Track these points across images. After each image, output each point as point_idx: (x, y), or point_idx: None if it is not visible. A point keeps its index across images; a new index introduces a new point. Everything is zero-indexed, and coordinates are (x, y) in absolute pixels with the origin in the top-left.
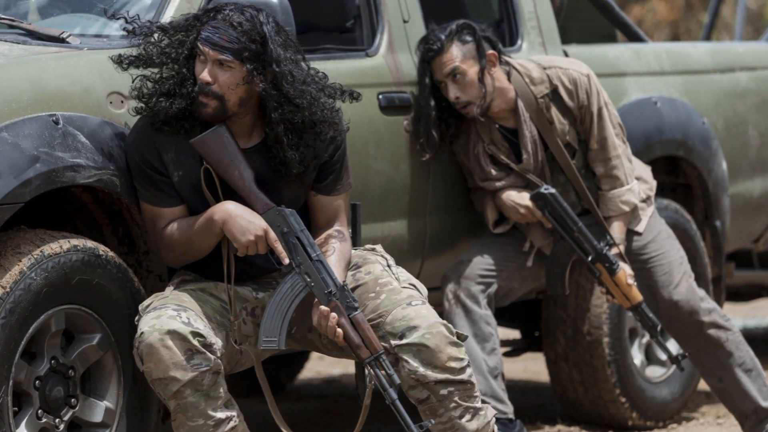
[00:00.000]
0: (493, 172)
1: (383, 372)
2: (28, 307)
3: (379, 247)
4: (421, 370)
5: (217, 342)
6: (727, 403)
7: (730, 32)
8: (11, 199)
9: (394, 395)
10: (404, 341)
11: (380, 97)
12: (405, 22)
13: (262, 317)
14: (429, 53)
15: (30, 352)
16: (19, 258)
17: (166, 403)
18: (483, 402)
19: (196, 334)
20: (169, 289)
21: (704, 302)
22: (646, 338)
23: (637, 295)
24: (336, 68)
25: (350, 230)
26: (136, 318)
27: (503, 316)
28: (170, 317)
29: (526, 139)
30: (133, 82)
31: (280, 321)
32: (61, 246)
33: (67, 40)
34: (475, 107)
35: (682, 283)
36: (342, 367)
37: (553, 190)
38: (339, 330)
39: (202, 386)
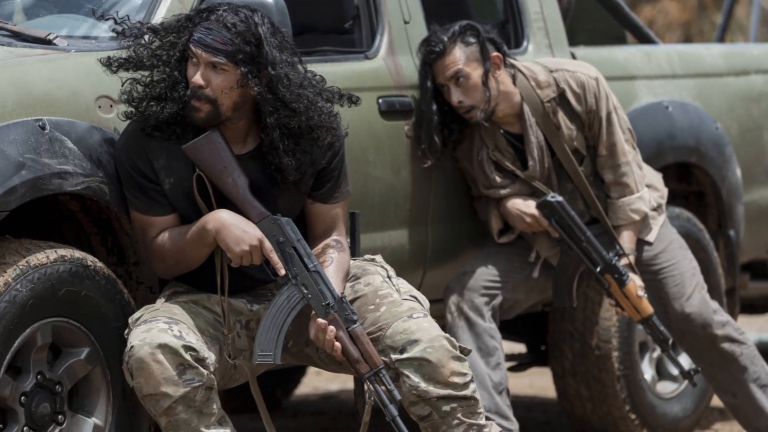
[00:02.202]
0: (498, 179)
1: (383, 387)
2: (13, 319)
3: (378, 258)
4: (423, 385)
5: (210, 356)
6: (741, 419)
7: (744, 34)
8: None
9: (395, 412)
10: (405, 355)
11: (380, 101)
12: (406, 23)
13: (257, 330)
14: (431, 55)
15: (15, 366)
16: (4, 269)
17: (156, 420)
18: (487, 419)
19: (189, 348)
20: (160, 302)
21: (718, 315)
22: (657, 352)
23: (648, 308)
24: (334, 71)
25: (349, 240)
26: (126, 331)
27: (508, 330)
28: (161, 330)
29: (532, 145)
30: (122, 85)
31: (275, 334)
32: (47, 256)
33: (54, 41)
34: (478, 112)
35: (694, 295)
36: (340, 382)
37: (560, 198)
38: (337, 344)
39: (194, 402)
